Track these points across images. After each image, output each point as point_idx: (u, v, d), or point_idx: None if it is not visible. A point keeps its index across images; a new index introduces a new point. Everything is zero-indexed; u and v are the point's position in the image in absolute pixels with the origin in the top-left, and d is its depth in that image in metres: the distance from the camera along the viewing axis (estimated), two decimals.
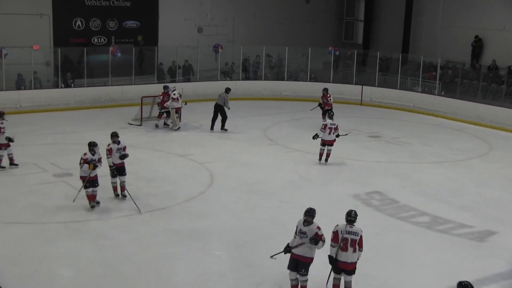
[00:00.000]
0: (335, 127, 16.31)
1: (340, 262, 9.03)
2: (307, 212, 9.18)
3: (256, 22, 29.37)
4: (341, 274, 9.17)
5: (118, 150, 12.89)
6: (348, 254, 8.94)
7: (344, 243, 8.94)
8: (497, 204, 13.88)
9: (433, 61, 25.82)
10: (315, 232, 8.91)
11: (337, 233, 9.04)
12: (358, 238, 8.97)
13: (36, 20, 24.03)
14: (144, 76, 25.48)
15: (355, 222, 9.05)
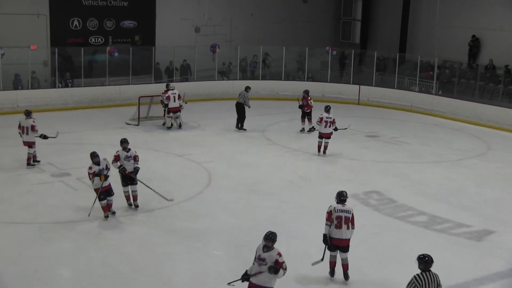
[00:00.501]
0: (332, 121, 16.87)
1: (335, 239, 9.62)
2: (266, 236, 8.16)
3: (254, 22, 29.36)
4: (336, 251, 9.74)
5: (127, 158, 12.35)
6: (342, 231, 9.57)
7: (338, 221, 9.56)
8: (495, 203, 13.90)
9: (431, 61, 25.88)
10: (275, 259, 7.99)
11: (330, 213, 9.68)
12: (350, 216, 9.67)
13: (33, 20, 23.98)
14: (142, 76, 25.46)
15: (346, 202, 9.78)
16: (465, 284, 9.93)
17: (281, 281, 8.29)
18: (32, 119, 15.17)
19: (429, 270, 7.73)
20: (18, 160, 15.75)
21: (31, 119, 15.17)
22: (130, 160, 12.38)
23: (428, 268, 7.74)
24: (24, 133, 15.17)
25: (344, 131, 17.83)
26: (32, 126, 15.07)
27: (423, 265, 7.80)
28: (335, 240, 9.66)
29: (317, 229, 11.93)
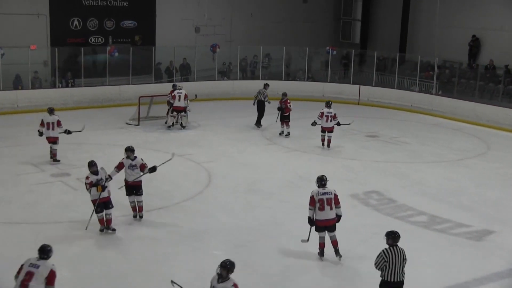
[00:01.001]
0: (333, 115, 17.53)
1: (321, 221, 10.17)
2: (222, 263, 7.48)
3: (254, 22, 29.36)
4: (324, 232, 10.28)
5: (131, 167, 11.62)
6: (326, 212, 10.08)
7: (320, 204, 10.10)
8: (495, 203, 13.90)
9: (431, 61, 25.88)
10: None
11: (313, 197, 10.22)
12: (332, 197, 10.19)
13: (33, 20, 23.99)
14: (142, 76, 25.47)
15: (326, 185, 10.27)
16: (465, 284, 9.93)
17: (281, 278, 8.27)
18: (56, 115, 15.74)
19: (396, 245, 8.27)
20: (18, 160, 15.76)
21: (56, 116, 15.71)
22: (135, 169, 11.64)
23: (396, 243, 8.28)
24: (50, 129, 15.61)
25: (348, 126, 18.07)
26: (58, 121, 15.64)
27: (391, 240, 8.33)
28: (321, 222, 10.17)
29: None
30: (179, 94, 19.66)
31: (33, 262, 7.76)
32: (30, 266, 7.69)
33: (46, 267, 7.69)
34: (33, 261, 7.77)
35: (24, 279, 7.58)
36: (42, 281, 7.60)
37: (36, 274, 7.58)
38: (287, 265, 10.35)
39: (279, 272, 10.09)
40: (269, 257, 10.61)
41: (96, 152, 16.75)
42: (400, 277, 8.22)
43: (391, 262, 8.18)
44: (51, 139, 15.71)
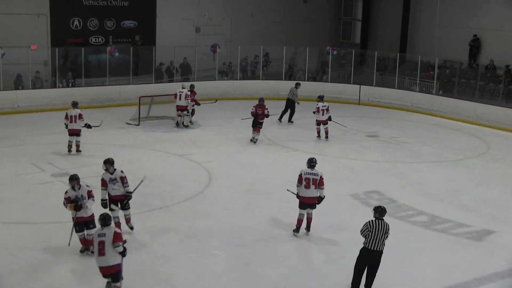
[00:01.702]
0: (327, 108, 18.67)
1: (305, 198, 11.21)
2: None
3: (254, 22, 29.37)
4: (306, 209, 11.30)
5: (112, 181, 10.94)
6: (311, 190, 11.16)
7: (306, 182, 11.12)
8: (495, 203, 13.90)
9: (431, 61, 25.88)
10: None
11: (301, 176, 11.22)
12: (318, 178, 11.20)
13: (33, 20, 23.99)
14: (142, 76, 25.47)
15: (315, 167, 11.31)
16: (465, 284, 9.93)
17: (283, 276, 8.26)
18: (79, 109, 16.59)
19: (381, 219, 9.16)
20: (18, 160, 15.77)
21: (78, 109, 16.56)
22: (116, 183, 10.97)
23: (381, 217, 9.17)
24: (73, 122, 16.41)
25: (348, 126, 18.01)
26: (80, 114, 16.47)
27: (377, 214, 9.22)
28: (305, 199, 11.23)
29: (317, 229, 11.97)
30: (180, 93, 19.69)
31: (99, 232, 8.75)
32: (99, 237, 8.71)
33: (110, 231, 8.72)
34: (99, 231, 8.77)
35: (99, 248, 8.63)
36: (111, 243, 8.61)
37: (106, 241, 8.60)
38: (287, 265, 10.36)
39: (279, 272, 10.09)
40: (269, 257, 10.62)
41: (96, 152, 16.75)
42: (380, 247, 9.13)
43: (373, 233, 9.06)
44: (74, 131, 16.49)
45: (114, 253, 8.60)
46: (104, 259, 8.63)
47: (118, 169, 11.06)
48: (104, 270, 8.69)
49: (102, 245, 8.60)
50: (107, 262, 8.64)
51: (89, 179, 14.27)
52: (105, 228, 8.71)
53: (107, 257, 8.63)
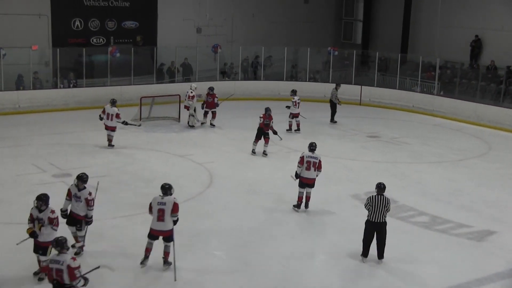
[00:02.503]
0: (299, 102, 19.91)
1: (305, 179, 12.52)
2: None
3: (255, 22, 29.38)
4: (304, 188, 12.61)
5: (76, 198, 10.19)
6: (310, 172, 12.47)
7: (307, 165, 12.43)
8: (496, 204, 13.90)
9: (432, 61, 25.87)
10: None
11: (303, 158, 12.50)
12: (317, 161, 12.48)
13: (34, 20, 24.00)
14: (143, 77, 25.48)
15: (315, 151, 12.56)
16: (466, 284, 9.93)
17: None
18: (116, 108, 17.14)
19: (381, 194, 10.35)
20: (19, 161, 15.78)
21: (116, 108, 17.10)
22: (79, 202, 10.19)
23: (381, 193, 10.38)
24: (109, 119, 17.08)
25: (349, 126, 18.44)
26: (117, 114, 17.07)
27: (377, 190, 10.46)
28: (305, 179, 12.54)
29: (317, 229, 11.99)
30: (186, 93, 19.95)
31: (159, 201, 9.75)
32: (158, 205, 9.74)
33: (170, 201, 9.76)
34: (159, 200, 9.76)
35: (159, 215, 9.70)
36: (169, 212, 9.67)
37: (166, 210, 9.67)
38: (287, 265, 10.36)
39: (280, 273, 10.10)
40: (270, 257, 10.62)
41: (97, 153, 16.78)
42: (381, 219, 10.27)
43: (374, 206, 10.24)
44: (108, 128, 17.25)
45: (170, 220, 9.75)
46: (162, 224, 9.76)
47: (87, 189, 10.21)
48: (160, 233, 9.83)
49: (161, 212, 9.69)
50: (165, 227, 9.79)
51: (89, 180, 14.31)
52: (165, 197, 9.76)
53: (166, 223, 9.77)
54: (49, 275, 7.83)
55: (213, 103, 20.19)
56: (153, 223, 9.82)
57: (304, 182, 12.58)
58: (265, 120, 16.98)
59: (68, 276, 7.66)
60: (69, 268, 7.67)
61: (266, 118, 16.97)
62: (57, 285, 7.73)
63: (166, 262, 10.08)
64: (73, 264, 7.70)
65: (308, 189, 12.68)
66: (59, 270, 7.69)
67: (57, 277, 7.70)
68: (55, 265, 7.72)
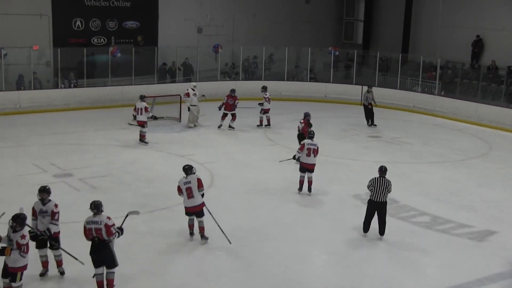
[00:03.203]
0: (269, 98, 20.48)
1: (306, 164, 13.69)
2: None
3: (256, 23, 29.40)
4: (305, 172, 13.78)
5: (42, 213, 9.49)
6: (310, 158, 13.64)
7: (308, 151, 13.61)
8: (497, 204, 13.89)
9: (433, 61, 25.86)
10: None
11: (303, 145, 13.71)
12: (316, 148, 13.71)
13: (35, 20, 24.03)
14: (144, 77, 25.49)
15: (313, 138, 13.76)
16: (467, 284, 9.93)
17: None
18: (145, 102, 17.97)
19: (383, 176, 11.28)
20: (20, 161, 15.79)
21: (144, 103, 17.92)
22: (46, 217, 9.52)
23: (383, 175, 11.29)
24: (139, 114, 17.83)
25: (350, 127, 18.03)
26: (146, 107, 17.86)
27: (379, 173, 11.36)
28: (306, 164, 13.71)
29: (318, 229, 11.98)
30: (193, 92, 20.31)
31: (185, 181, 10.83)
32: (185, 184, 10.81)
33: (194, 179, 10.82)
34: (184, 180, 10.83)
35: (188, 193, 10.81)
36: (196, 188, 10.79)
37: (192, 187, 10.77)
38: (289, 265, 10.36)
39: (280, 272, 10.10)
40: (271, 257, 10.62)
41: (98, 153, 16.79)
42: (382, 199, 11.27)
43: (376, 187, 11.22)
44: (139, 123, 17.95)
45: (199, 195, 10.78)
46: (193, 200, 10.79)
47: (53, 201, 9.68)
48: (192, 208, 10.89)
49: (189, 190, 10.74)
50: (195, 202, 10.82)
51: (90, 180, 14.37)
52: (189, 176, 10.76)
53: (195, 198, 10.79)
54: (89, 234, 8.94)
55: (232, 105, 19.91)
56: (185, 201, 10.88)
57: (305, 167, 13.76)
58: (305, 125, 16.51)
59: (106, 233, 8.84)
60: (106, 226, 8.86)
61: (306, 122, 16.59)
62: (98, 241, 8.89)
63: (203, 236, 11.07)
64: (109, 222, 8.90)
65: (309, 174, 13.78)
66: (98, 229, 8.86)
67: (97, 235, 8.87)
68: (94, 225, 8.91)
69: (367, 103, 21.54)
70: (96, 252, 8.94)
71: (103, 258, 8.94)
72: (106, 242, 8.88)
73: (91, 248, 8.94)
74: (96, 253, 8.94)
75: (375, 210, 11.35)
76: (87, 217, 8.99)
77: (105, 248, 8.89)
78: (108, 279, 9.06)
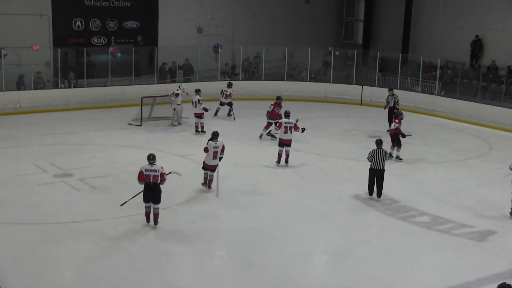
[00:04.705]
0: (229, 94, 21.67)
1: (284, 140, 15.92)
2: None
3: (256, 23, 29.39)
4: (283, 147, 15.92)
5: None
6: (288, 135, 15.88)
7: (285, 129, 15.85)
8: (497, 204, 13.87)
9: (433, 61, 25.84)
10: None
11: (281, 124, 16.00)
12: (292, 125, 15.87)
13: (35, 20, 24.01)
14: (144, 77, 25.49)
15: (290, 118, 16.02)
16: (467, 285, 9.93)
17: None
18: (199, 95, 19.37)
19: (380, 147, 13.42)
20: (20, 161, 15.79)
21: (198, 96, 19.37)
22: None
23: (380, 147, 13.45)
24: (194, 107, 19.30)
25: (350, 128, 17.87)
26: (199, 100, 19.25)
27: (376, 145, 13.49)
28: (284, 140, 15.92)
29: (319, 229, 11.98)
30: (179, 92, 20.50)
31: (214, 145, 13.45)
32: (214, 148, 13.44)
33: (221, 144, 13.58)
34: (214, 144, 13.47)
35: (213, 155, 13.43)
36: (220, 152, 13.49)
37: (218, 151, 13.50)
38: (289, 265, 10.36)
39: (281, 272, 10.10)
40: (272, 257, 10.62)
41: (98, 153, 16.79)
42: (381, 167, 13.43)
43: (375, 157, 13.39)
44: (196, 115, 19.38)
45: (218, 158, 13.50)
46: (215, 161, 13.52)
47: None
48: (211, 167, 13.61)
49: (215, 153, 13.47)
50: (215, 163, 13.53)
51: (90, 180, 14.38)
52: (218, 142, 13.49)
53: (216, 160, 13.51)
54: (146, 179, 11.51)
55: (277, 114, 18.56)
56: (208, 160, 13.51)
57: (283, 143, 15.92)
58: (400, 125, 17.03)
59: (160, 179, 11.50)
60: (161, 175, 11.54)
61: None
62: (153, 184, 11.53)
63: (210, 186, 13.79)
64: (163, 171, 11.61)
65: (286, 148, 15.93)
66: (155, 176, 11.49)
67: (153, 180, 11.46)
68: (152, 173, 11.50)
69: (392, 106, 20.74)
70: (149, 191, 11.51)
71: (153, 197, 11.51)
72: (158, 184, 11.46)
73: (145, 188, 11.53)
74: (149, 192, 11.51)
75: (375, 176, 13.42)
76: (144, 165, 11.54)
77: (157, 189, 11.51)
78: (155, 213, 11.65)
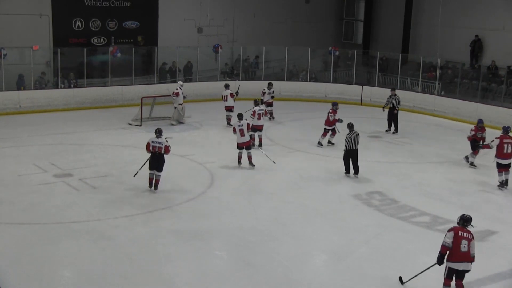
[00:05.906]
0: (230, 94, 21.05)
1: (256, 125, 17.36)
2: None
3: (256, 22, 29.38)
4: (256, 132, 17.49)
5: None
6: (260, 121, 17.60)
7: (258, 116, 17.51)
8: (497, 204, 13.88)
9: (433, 61, 25.85)
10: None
11: (255, 111, 17.51)
12: (263, 112, 17.71)
13: (35, 20, 24.01)
14: (144, 77, 25.48)
15: (260, 105, 18.11)
16: (467, 285, 9.88)
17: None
18: (229, 90, 20.55)
19: (353, 130, 14.99)
20: (20, 161, 15.78)
21: (229, 90, 20.52)
22: None
23: (353, 129, 15.02)
24: (225, 100, 20.41)
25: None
26: (231, 93, 20.46)
27: (349, 129, 15.08)
28: (256, 126, 17.41)
29: (319, 229, 11.98)
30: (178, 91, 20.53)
31: (238, 124, 15.44)
32: (238, 127, 15.39)
33: (245, 123, 15.53)
34: (238, 124, 15.45)
35: (241, 133, 15.39)
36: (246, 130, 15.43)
37: (244, 129, 15.41)
38: (289, 265, 10.35)
39: (281, 272, 10.09)
40: (271, 257, 10.61)
41: (98, 153, 16.78)
42: (355, 147, 14.95)
43: (353, 139, 14.91)
44: (226, 108, 20.40)
45: (247, 135, 15.45)
46: (244, 138, 15.40)
47: None
48: (242, 144, 15.49)
49: (242, 131, 15.36)
50: (245, 140, 15.42)
51: (90, 180, 14.37)
52: (241, 121, 15.43)
53: (245, 137, 15.40)
54: (152, 149, 13.33)
55: (334, 121, 18.11)
56: (238, 138, 15.42)
57: (256, 128, 17.40)
58: (477, 132, 16.58)
59: (164, 150, 13.32)
60: (165, 146, 13.30)
61: (478, 130, 16.60)
62: (158, 154, 13.34)
63: (250, 163, 15.62)
64: (167, 143, 13.33)
65: (259, 133, 17.58)
66: (160, 147, 13.28)
67: (158, 150, 13.27)
68: (157, 145, 13.29)
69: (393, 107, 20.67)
70: (154, 160, 13.30)
71: (157, 165, 13.34)
72: (162, 154, 13.29)
73: (151, 157, 13.34)
74: (154, 160, 13.31)
75: (351, 156, 14.98)
76: (152, 138, 13.40)
77: (161, 159, 13.32)
78: (156, 179, 13.46)
